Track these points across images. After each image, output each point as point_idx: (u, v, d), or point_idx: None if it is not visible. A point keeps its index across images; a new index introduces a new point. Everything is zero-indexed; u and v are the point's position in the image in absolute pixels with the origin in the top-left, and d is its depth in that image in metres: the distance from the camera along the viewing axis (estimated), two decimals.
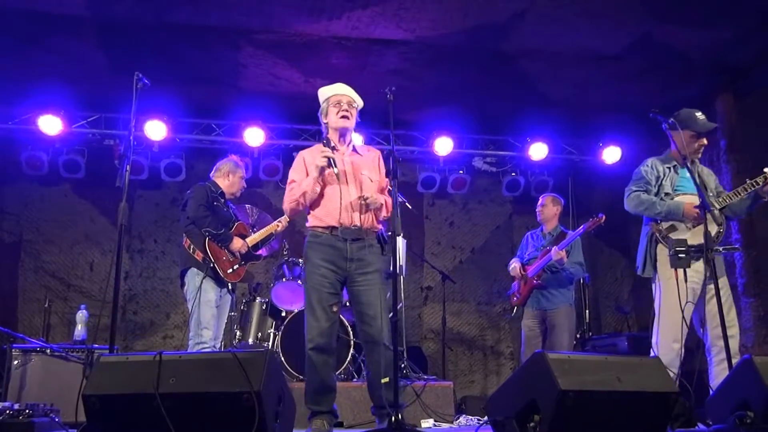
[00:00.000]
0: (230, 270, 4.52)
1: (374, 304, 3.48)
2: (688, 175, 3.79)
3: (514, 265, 5.36)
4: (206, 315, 4.33)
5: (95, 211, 6.79)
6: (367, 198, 3.53)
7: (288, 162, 6.97)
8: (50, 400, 4.01)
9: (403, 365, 5.51)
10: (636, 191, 3.87)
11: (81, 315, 5.10)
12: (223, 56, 5.59)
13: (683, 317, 3.47)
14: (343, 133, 3.69)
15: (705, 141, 3.84)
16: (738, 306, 5.44)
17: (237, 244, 4.59)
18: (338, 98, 3.72)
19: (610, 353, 5.60)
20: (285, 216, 4.42)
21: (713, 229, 3.57)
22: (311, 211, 3.70)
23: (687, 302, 3.50)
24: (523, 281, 5.26)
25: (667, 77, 5.85)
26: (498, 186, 7.32)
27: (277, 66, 5.72)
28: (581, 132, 7.01)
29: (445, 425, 4.92)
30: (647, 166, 3.94)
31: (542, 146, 6.81)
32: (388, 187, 3.80)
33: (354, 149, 3.75)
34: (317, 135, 6.77)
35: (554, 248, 5.06)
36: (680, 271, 3.50)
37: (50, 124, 6.14)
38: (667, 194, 3.83)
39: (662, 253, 3.74)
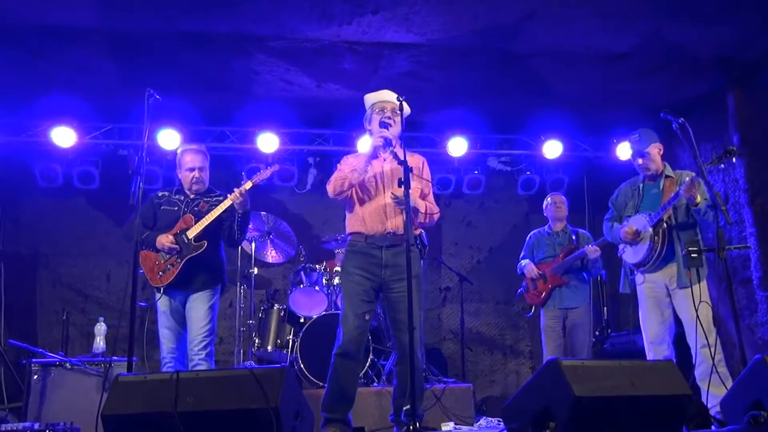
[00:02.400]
0: (160, 274, 4.08)
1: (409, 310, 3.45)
2: (654, 191, 4.18)
3: (531, 266, 5.31)
4: (161, 334, 4.17)
5: (110, 221, 6.80)
6: (396, 196, 3.50)
7: (303, 167, 6.98)
8: (70, 415, 4.06)
9: (423, 368, 5.47)
10: (605, 221, 4.50)
11: (99, 327, 5.11)
12: (235, 64, 5.57)
13: (648, 328, 4.08)
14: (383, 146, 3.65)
15: (640, 161, 4.22)
16: (754, 300, 5.52)
17: (160, 240, 4.05)
18: (382, 105, 3.74)
19: (630, 351, 5.57)
20: (236, 190, 4.07)
21: (645, 245, 4.00)
22: (348, 219, 3.73)
23: (653, 311, 4.05)
24: (542, 280, 5.23)
25: (677, 74, 5.76)
26: (513, 185, 7.26)
27: (289, 72, 5.69)
28: (595, 129, 6.94)
29: (465, 428, 4.91)
30: (613, 196, 4.48)
31: (556, 144, 6.74)
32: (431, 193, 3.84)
33: (395, 156, 3.69)
34: (331, 139, 6.75)
35: (589, 246, 5.17)
36: (641, 287, 4.11)
37: (63, 136, 6.16)
38: (628, 216, 4.23)
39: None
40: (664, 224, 3.97)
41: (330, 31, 5.03)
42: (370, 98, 3.81)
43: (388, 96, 3.75)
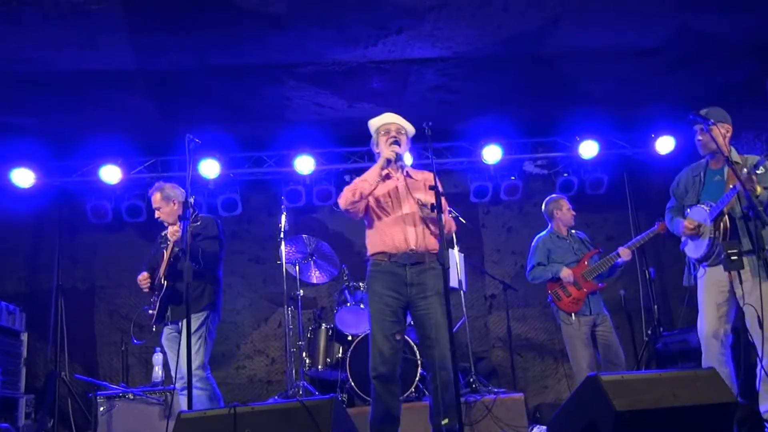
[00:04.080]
0: (150, 312, 4.35)
1: (437, 327, 3.48)
2: (717, 178, 3.88)
3: (568, 271, 5.11)
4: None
5: None
6: (421, 201, 3.56)
7: (339, 185, 7.08)
8: None
9: (471, 379, 5.50)
10: (667, 211, 4.25)
11: (157, 357, 5.30)
12: (267, 92, 5.73)
13: (707, 322, 3.81)
14: (395, 160, 3.72)
15: (700, 137, 3.94)
16: None
17: (139, 280, 4.43)
18: (387, 127, 3.81)
19: (682, 350, 5.45)
20: (171, 228, 4.18)
21: (705, 241, 3.79)
22: (369, 239, 3.78)
23: (712, 305, 3.80)
24: (574, 286, 5.10)
25: (712, 64, 5.67)
26: (551, 187, 7.20)
27: (320, 95, 5.82)
28: (632, 125, 6.85)
29: None
30: (674, 183, 4.21)
31: (592, 144, 6.69)
32: (447, 207, 3.84)
33: (407, 174, 3.80)
34: (366, 156, 6.85)
35: (622, 249, 5.04)
36: (704, 282, 3.86)
37: (110, 174, 6.42)
38: (690, 205, 4.00)
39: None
40: (726, 217, 3.70)
41: (357, 53, 5.14)
42: (375, 123, 3.88)
43: (391, 118, 3.83)
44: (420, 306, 3.56)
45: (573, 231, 5.42)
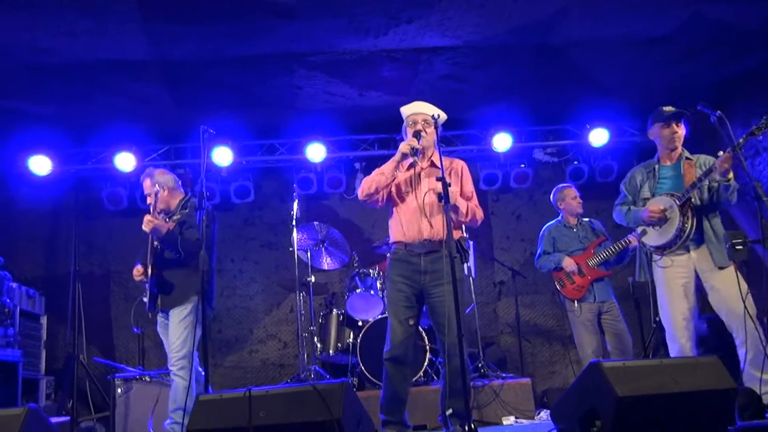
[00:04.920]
0: (144, 300, 4.36)
1: (449, 314, 3.51)
2: (671, 173, 3.98)
3: (570, 260, 5.18)
4: None
5: None
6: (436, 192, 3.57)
7: (350, 173, 7.17)
8: (153, 424, 4.38)
9: (480, 365, 5.59)
10: (617, 206, 4.22)
11: None
12: (279, 81, 5.79)
13: (676, 316, 3.81)
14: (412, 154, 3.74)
15: (675, 127, 4.01)
16: None
17: (133, 273, 4.37)
18: (414, 118, 3.84)
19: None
20: (145, 218, 4.13)
21: (674, 225, 3.79)
22: (390, 227, 3.88)
23: (679, 299, 3.80)
24: (579, 274, 5.16)
25: (723, 52, 5.65)
26: (561, 175, 7.24)
27: (330, 84, 5.88)
28: (642, 113, 6.81)
29: (525, 421, 4.99)
30: (625, 179, 4.22)
31: (603, 132, 6.71)
32: (473, 196, 3.90)
33: (432, 163, 3.83)
34: (376, 144, 6.91)
35: (631, 236, 5.02)
36: (665, 271, 3.84)
37: (125, 161, 6.53)
38: (645, 199, 4.02)
39: (651, 256, 3.99)
40: (691, 204, 3.80)
41: (367, 43, 5.19)
42: (405, 111, 3.92)
43: (420, 108, 3.84)
44: (434, 293, 3.65)
45: (586, 219, 5.44)
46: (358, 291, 5.74)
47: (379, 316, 5.49)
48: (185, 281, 4.22)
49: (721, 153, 3.63)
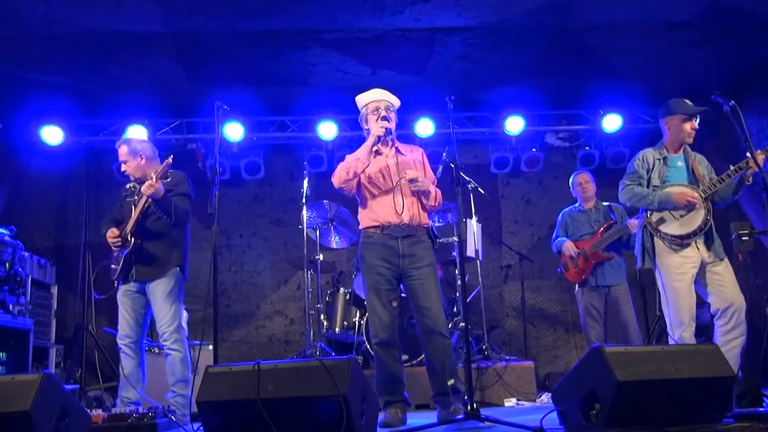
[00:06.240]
0: (113, 267, 4.21)
1: (429, 296, 3.67)
2: (679, 164, 3.96)
3: (569, 243, 5.27)
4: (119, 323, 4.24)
5: None
6: (413, 178, 3.69)
7: None
8: (158, 395, 4.43)
9: (484, 347, 5.63)
10: (629, 185, 4.01)
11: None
12: (292, 57, 5.77)
13: (689, 304, 3.74)
14: (384, 135, 3.83)
15: (695, 124, 3.98)
16: None
17: (107, 236, 4.19)
18: (376, 104, 3.93)
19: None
20: (146, 183, 3.98)
21: (700, 216, 3.78)
22: (361, 213, 3.93)
23: (687, 290, 3.75)
24: (582, 258, 5.19)
25: (743, 39, 5.59)
26: (573, 161, 7.22)
27: (344, 62, 5.86)
28: (656, 100, 6.75)
29: (527, 403, 5.05)
30: (639, 159, 4.06)
31: (616, 117, 6.67)
32: (435, 182, 3.99)
33: (397, 150, 3.93)
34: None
35: (631, 220, 5.06)
36: (678, 259, 3.79)
37: (137, 134, 6.50)
38: (655, 186, 3.95)
39: (658, 244, 3.89)
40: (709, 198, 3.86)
41: (383, 21, 5.16)
42: (363, 99, 3.99)
43: (380, 95, 3.94)
44: (413, 276, 3.72)
45: (606, 204, 5.45)
46: None
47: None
48: (166, 252, 4.16)
49: (748, 154, 3.66)
